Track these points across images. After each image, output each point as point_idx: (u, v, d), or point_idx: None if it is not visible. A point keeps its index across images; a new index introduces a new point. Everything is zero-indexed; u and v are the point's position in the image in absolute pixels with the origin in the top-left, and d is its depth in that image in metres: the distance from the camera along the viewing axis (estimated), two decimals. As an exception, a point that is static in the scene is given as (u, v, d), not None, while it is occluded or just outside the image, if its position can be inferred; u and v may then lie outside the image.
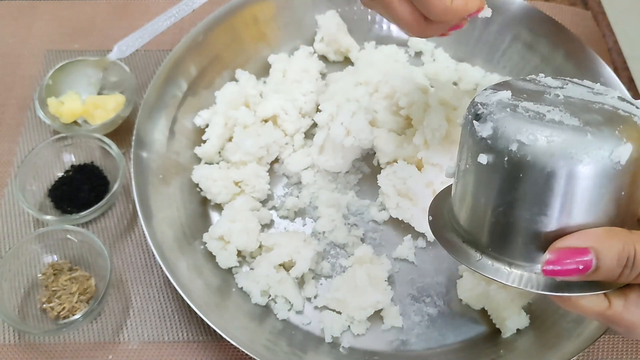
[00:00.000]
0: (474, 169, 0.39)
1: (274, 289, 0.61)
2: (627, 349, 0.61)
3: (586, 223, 0.37)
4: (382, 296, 0.59)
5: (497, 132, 0.37)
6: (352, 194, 0.68)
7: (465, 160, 0.40)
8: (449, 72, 0.77)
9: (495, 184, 0.38)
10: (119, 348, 0.60)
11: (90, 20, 0.85)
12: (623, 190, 0.37)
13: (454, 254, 0.42)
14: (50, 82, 0.73)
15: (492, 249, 0.40)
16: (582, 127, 0.36)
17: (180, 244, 0.62)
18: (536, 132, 0.36)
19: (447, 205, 0.45)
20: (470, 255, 0.41)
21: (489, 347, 0.59)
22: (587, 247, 0.36)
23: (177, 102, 0.70)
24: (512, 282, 0.39)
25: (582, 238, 0.37)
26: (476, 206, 0.41)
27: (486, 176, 0.39)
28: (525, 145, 0.36)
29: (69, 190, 0.67)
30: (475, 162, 0.39)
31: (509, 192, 0.38)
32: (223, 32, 0.74)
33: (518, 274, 0.39)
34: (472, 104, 0.40)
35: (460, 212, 0.43)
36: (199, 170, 0.67)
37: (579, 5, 0.88)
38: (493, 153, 0.37)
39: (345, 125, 0.66)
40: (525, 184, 0.37)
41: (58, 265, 0.63)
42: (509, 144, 0.36)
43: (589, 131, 0.36)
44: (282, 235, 0.63)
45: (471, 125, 0.39)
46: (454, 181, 0.44)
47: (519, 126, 0.37)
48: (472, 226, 0.41)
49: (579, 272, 0.36)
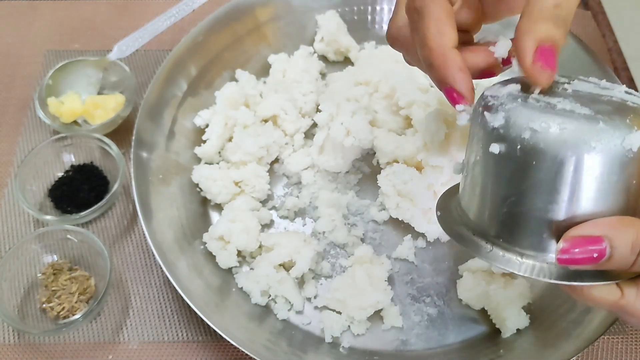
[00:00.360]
0: (485, 160, 0.39)
1: (274, 289, 0.61)
2: (627, 349, 0.61)
3: (598, 212, 0.37)
4: (382, 296, 0.59)
5: (509, 121, 0.37)
6: (352, 194, 0.68)
7: (476, 153, 0.40)
8: (449, 72, 0.77)
9: (506, 173, 0.38)
10: (119, 348, 0.60)
11: (90, 20, 0.85)
12: (635, 179, 0.37)
13: (465, 246, 0.42)
14: (50, 82, 0.73)
15: (503, 240, 0.40)
16: (594, 116, 0.36)
17: (180, 244, 0.62)
18: (549, 120, 0.36)
19: (454, 201, 0.45)
20: (481, 246, 0.41)
21: (489, 347, 0.59)
22: (601, 235, 0.36)
23: (177, 102, 0.70)
24: (524, 272, 0.39)
25: (596, 226, 0.36)
26: (486, 197, 0.41)
27: (498, 166, 0.39)
28: (538, 132, 0.36)
29: (68, 190, 0.67)
30: (486, 153, 0.39)
31: (520, 180, 0.38)
32: (223, 32, 0.75)
33: (530, 264, 0.39)
34: (482, 97, 0.41)
35: (469, 206, 0.43)
36: (199, 170, 0.67)
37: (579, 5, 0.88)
38: (505, 142, 0.37)
39: (345, 125, 0.66)
40: (537, 172, 0.37)
41: (58, 265, 0.63)
42: (522, 132, 0.36)
43: (601, 119, 0.36)
44: (282, 235, 0.63)
45: (482, 116, 0.39)
46: (462, 176, 0.44)
47: (531, 115, 0.37)
48: (482, 218, 0.41)
49: (592, 261, 0.36)
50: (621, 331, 0.62)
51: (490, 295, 0.59)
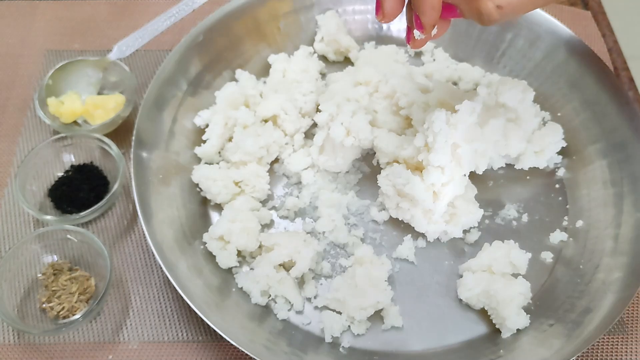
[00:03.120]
0: None
1: (274, 289, 0.61)
2: (627, 349, 0.61)
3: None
4: (382, 296, 0.59)
5: None
6: (352, 194, 0.68)
7: None
8: (449, 72, 0.77)
9: None
10: (119, 348, 0.60)
11: (90, 20, 0.85)
12: None
13: None
14: (50, 82, 0.73)
15: None
16: None
17: (180, 244, 0.62)
18: None
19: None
20: None
21: (489, 347, 0.59)
22: None
23: (177, 102, 0.70)
24: None
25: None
26: None
27: None
28: None
29: (68, 190, 0.67)
30: None
31: None
32: (223, 32, 0.75)
33: None
34: None
35: None
36: (199, 170, 0.67)
37: (579, 5, 0.88)
38: None
39: (345, 125, 0.66)
40: None
41: (58, 265, 0.63)
42: None
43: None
44: (282, 235, 0.63)
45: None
46: None
47: None
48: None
49: None
50: (621, 331, 0.62)
51: (490, 295, 0.59)
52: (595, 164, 0.69)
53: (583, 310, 0.59)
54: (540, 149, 0.69)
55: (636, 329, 0.62)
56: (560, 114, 0.72)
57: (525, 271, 0.62)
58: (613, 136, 0.68)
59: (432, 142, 0.61)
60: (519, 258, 0.61)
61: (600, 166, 0.68)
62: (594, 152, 0.69)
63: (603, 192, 0.67)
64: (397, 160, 0.67)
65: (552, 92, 0.73)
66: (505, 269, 0.61)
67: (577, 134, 0.71)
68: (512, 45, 0.76)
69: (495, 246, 0.63)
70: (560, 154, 0.71)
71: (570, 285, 0.62)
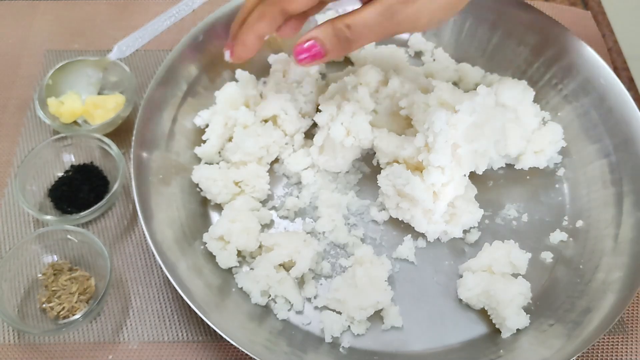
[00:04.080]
0: None
1: (274, 289, 0.61)
2: (627, 349, 0.61)
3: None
4: (382, 296, 0.59)
5: None
6: (352, 194, 0.68)
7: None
8: (449, 72, 0.77)
9: None
10: (119, 348, 0.60)
11: (90, 20, 0.85)
12: None
13: None
14: (50, 82, 0.73)
15: None
16: None
17: (180, 244, 0.62)
18: None
19: None
20: None
21: (489, 347, 0.59)
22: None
23: (177, 102, 0.70)
24: None
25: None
26: None
27: None
28: None
29: (68, 191, 0.67)
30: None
31: None
32: (223, 32, 0.74)
33: None
34: None
35: None
36: (199, 170, 0.67)
37: (579, 5, 0.88)
38: None
39: (345, 126, 0.66)
40: None
41: (58, 266, 0.63)
42: None
43: None
44: (282, 235, 0.63)
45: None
46: None
47: None
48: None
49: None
50: (621, 331, 0.62)
51: (490, 295, 0.59)
52: (595, 164, 0.69)
53: (583, 310, 0.59)
54: (540, 148, 0.69)
55: (636, 329, 0.62)
56: (560, 114, 0.73)
57: (525, 271, 0.62)
58: (613, 136, 0.68)
59: (432, 142, 0.61)
60: (519, 258, 0.61)
61: (600, 166, 0.68)
62: (594, 152, 0.69)
63: (603, 192, 0.67)
64: (397, 160, 0.67)
65: (552, 92, 0.73)
66: (505, 269, 0.61)
67: (577, 133, 0.71)
68: (512, 46, 0.76)
69: (495, 246, 0.63)
70: (560, 154, 0.71)
71: (570, 285, 0.62)
